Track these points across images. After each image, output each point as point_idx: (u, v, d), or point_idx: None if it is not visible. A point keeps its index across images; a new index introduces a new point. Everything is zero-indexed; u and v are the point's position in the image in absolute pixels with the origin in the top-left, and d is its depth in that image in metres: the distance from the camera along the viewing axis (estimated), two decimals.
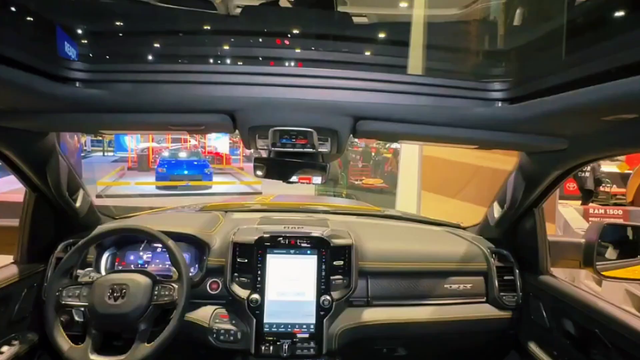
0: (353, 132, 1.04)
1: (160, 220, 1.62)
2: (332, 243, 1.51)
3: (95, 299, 1.23)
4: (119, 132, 1.23)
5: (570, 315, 1.35)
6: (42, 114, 0.96)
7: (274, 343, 1.43)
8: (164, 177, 11.33)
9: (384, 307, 1.55)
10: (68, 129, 1.19)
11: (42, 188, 1.36)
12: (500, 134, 1.00)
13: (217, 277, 1.53)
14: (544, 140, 1.01)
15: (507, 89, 0.92)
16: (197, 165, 12.18)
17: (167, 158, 12.61)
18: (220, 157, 16.84)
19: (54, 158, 1.28)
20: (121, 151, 17.81)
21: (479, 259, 1.64)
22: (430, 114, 0.97)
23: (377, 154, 13.38)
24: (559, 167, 1.19)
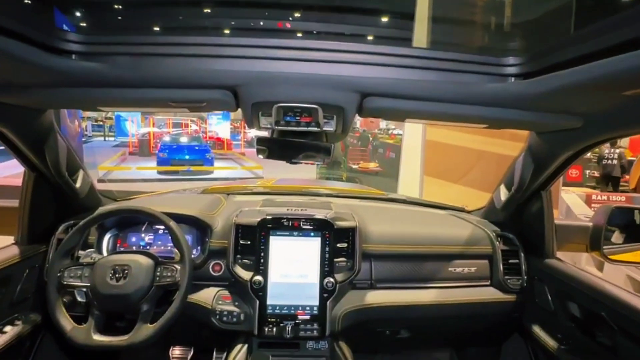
0: (359, 109, 1.00)
1: (161, 202, 1.60)
2: (335, 225, 1.49)
3: (97, 279, 1.22)
4: (118, 109, 1.19)
5: (575, 299, 1.34)
6: (38, 89, 0.93)
7: (277, 324, 1.43)
8: (165, 161, 11.31)
9: (387, 289, 1.55)
10: (65, 105, 1.15)
11: (40, 168, 1.33)
12: (512, 112, 0.96)
13: (219, 259, 1.52)
14: (558, 118, 0.98)
15: (521, 64, 0.88)
16: (198, 150, 12.13)
17: (168, 143, 12.55)
18: (221, 143, 16.75)
19: (52, 137, 1.25)
20: (122, 136, 17.69)
21: (483, 242, 1.63)
22: (440, 91, 0.93)
23: (375, 139, 13.79)
24: (571, 147, 1.16)
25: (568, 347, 1.36)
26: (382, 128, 21.78)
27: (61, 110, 1.42)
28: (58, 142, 1.28)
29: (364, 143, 13.79)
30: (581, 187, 9.18)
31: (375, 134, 16.05)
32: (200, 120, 21.62)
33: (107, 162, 12.19)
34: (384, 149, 13.42)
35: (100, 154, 13.31)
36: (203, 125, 19.75)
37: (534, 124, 1.05)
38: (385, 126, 23.99)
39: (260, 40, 0.88)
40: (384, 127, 22.94)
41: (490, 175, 2.94)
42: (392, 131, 20.60)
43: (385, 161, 12.32)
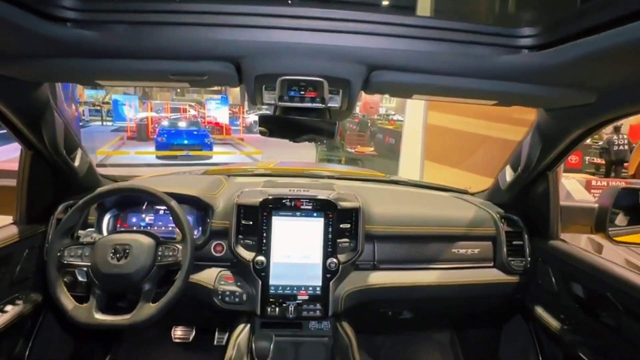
0: (365, 84, 0.97)
1: (162, 182, 1.58)
2: (339, 206, 1.47)
3: (98, 258, 1.21)
4: (117, 82, 1.14)
5: (580, 279, 1.33)
6: (31, 59, 0.89)
7: (280, 305, 1.42)
8: (164, 146, 11.24)
9: (390, 270, 1.54)
10: (61, 77, 1.11)
11: (37, 145, 1.30)
12: (523, 87, 0.93)
13: (221, 240, 1.50)
14: (571, 92, 0.94)
15: (536, 35, 0.84)
16: (197, 134, 12.05)
17: (167, 127, 12.45)
18: (220, 128, 16.62)
19: (48, 113, 1.21)
20: (120, 121, 17.49)
21: (487, 223, 1.61)
22: (449, 63, 0.90)
23: (373, 125, 14.08)
24: (581, 124, 1.13)
25: (571, 328, 1.36)
26: (381, 114, 21.70)
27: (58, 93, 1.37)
28: (55, 118, 1.24)
29: (363, 128, 13.95)
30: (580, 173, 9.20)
31: (375, 120, 16.24)
32: (198, 105, 21.46)
33: (105, 146, 12.11)
34: (383, 135, 13.58)
35: (99, 138, 13.20)
36: (201, 111, 19.58)
37: (546, 99, 1.01)
38: (384, 112, 23.90)
39: (265, 9, 0.84)
40: (384, 113, 22.86)
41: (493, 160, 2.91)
42: (392, 117, 20.58)
43: (385, 147, 12.45)
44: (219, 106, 17.88)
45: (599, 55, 0.74)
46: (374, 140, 13.37)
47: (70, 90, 12.98)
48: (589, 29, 0.72)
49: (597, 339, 1.26)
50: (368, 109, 19.79)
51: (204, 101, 20.44)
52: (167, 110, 17.89)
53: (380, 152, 11.59)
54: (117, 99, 18.50)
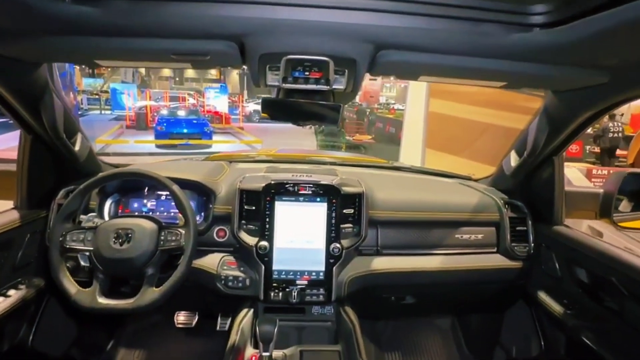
0: (372, 64, 0.95)
1: (164, 167, 1.57)
2: (342, 191, 1.46)
3: (100, 243, 1.20)
4: (116, 62, 1.10)
5: (584, 264, 1.33)
6: (29, 37, 0.86)
7: (283, 289, 1.42)
8: (164, 135, 11.17)
9: (393, 256, 1.54)
10: (59, 56, 1.09)
11: (37, 129, 1.28)
12: (534, 66, 0.91)
13: (223, 225, 1.49)
14: (583, 72, 0.92)
15: (549, 12, 0.82)
16: (196, 123, 11.97)
17: (166, 116, 12.36)
18: (219, 117, 16.51)
19: (47, 95, 1.19)
20: (118, 109, 17.37)
21: (491, 209, 1.60)
22: (458, 42, 0.88)
23: (372, 113, 14.58)
24: (592, 106, 1.11)
25: (574, 312, 1.36)
26: (381, 103, 21.61)
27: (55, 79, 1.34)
28: (54, 101, 1.22)
29: (361, 117, 14.39)
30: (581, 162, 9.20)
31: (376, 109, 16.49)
32: (197, 94, 21.31)
33: (104, 135, 12.04)
34: (383, 124, 13.75)
35: (97, 127, 13.12)
36: (200, 99, 19.45)
37: (557, 80, 0.99)
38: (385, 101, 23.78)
39: None
40: (384, 102, 22.75)
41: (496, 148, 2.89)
42: (392, 106, 20.51)
43: (385, 135, 12.58)
44: (218, 95, 17.76)
45: (614, 31, 0.72)
46: (374, 129, 13.55)
47: (68, 78, 12.89)
48: (604, 4, 0.70)
49: (601, 324, 1.26)
50: (368, 97, 19.72)
51: (203, 90, 20.31)
52: (166, 99, 17.76)
53: (381, 142, 11.76)
54: (115, 88, 18.37)
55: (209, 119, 14.19)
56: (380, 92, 23.08)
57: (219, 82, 29.92)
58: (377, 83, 20.84)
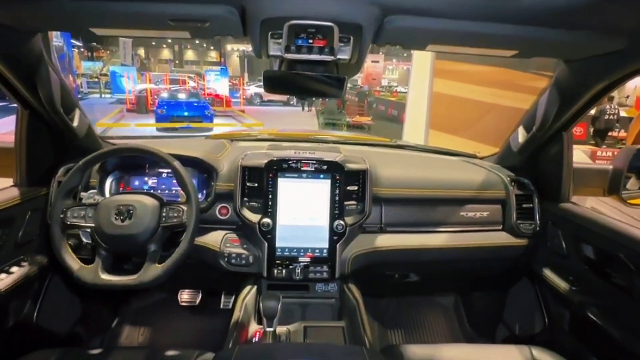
0: (378, 31, 0.91)
1: (165, 145, 1.54)
2: (346, 167, 1.44)
3: (101, 219, 1.18)
4: (111, 30, 1.06)
5: (592, 241, 1.31)
6: (22, 3, 0.83)
7: (287, 267, 1.41)
8: (164, 118, 11.08)
9: (397, 233, 1.52)
10: (53, 23, 1.04)
11: (33, 104, 1.25)
12: (547, 32, 0.87)
13: (226, 202, 1.48)
14: (599, 38, 0.88)
15: None
16: (197, 106, 11.86)
17: (167, 99, 12.23)
18: (220, 99, 16.35)
19: (43, 68, 1.16)
20: (118, 93, 17.21)
21: (497, 186, 1.58)
22: (469, 6, 0.83)
23: (370, 95, 14.91)
24: (606, 76, 1.07)
25: (579, 289, 1.35)
26: (384, 85, 21.38)
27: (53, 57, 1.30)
28: (50, 74, 1.19)
29: (362, 99, 14.51)
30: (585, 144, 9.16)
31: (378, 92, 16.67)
32: (197, 77, 21.09)
33: (104, 119, 11.97)
34: (385, 107, 13.80)
35: (98, 111, 13.03)
36: (201, 82, 19.26)
37: (571, 47, 0.95)
38: (387, 83, 23.51)
39: None
40: (386, 85, 22.51)
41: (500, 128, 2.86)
42: (394, 88, 20.31)
43: (387, 119, 12.65)
44: (218, 78, 17.56)
45: None
46: (377, 113, 13.64)
47: (67, 61, 12.78)
48: None
49: (607, 300, 1.25)
50: (370, 80, 19.48)
51: (204, 72, 20.09)
52: (166, 81, 17.57)
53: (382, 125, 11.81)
54: (115, 71, 18.17)
55: (209, 101, 14.06)
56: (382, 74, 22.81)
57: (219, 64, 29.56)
58: (380, 65, 20.58)
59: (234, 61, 35.05)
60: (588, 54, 1.00)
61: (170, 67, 30.77)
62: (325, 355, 0.93)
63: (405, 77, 24.97)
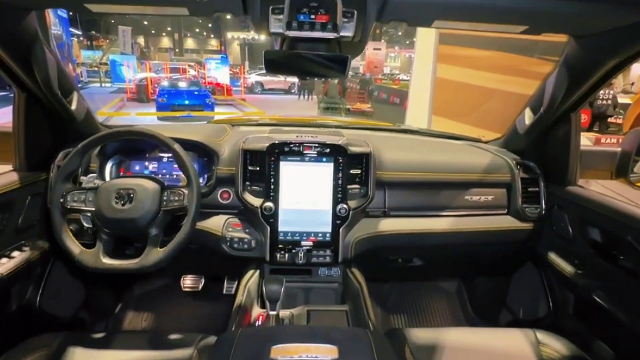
0: (383, 7, 0.87)
1: (165, 128, 1.52)
2: (349, 150, 1.41)
3: (102, 203, 1.17)
4: (107, 7, 1.02)
5: (599, 224, 1.29)
6: None
7: (289, 251, 1.40)
8: (165, 107, 11.03)
9: (401, 217, 1.51)
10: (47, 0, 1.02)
11: (30, 86, 1.23)
12: (558, 5, 0.83)
13: (227, 187, 1.46)
14: (614, 9, 0.84)
15: None
16: (198, 95, 11.79)
17: (167, 88, 12.16)
18: (221, 88, 16.26)
19: (38, 48, 1.13)
20: (118, 82, 17.12)
21: (502, 170, 1.56)
22: None
23: (371, 83, 14.85)
24: (618, 52, 1.03)
25: (585, 272, 1.34)
26: (386, 73, 21.20)
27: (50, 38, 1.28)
28: (46, 55, 1.16)
29: (363, 86, 14.57)
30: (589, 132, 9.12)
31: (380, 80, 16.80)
32: (198, 65, 20.94)
33: (105, 107, 11.92)
34: (387, 94, 13.81)
35: (98, 100, 12.98)
36: (201, 71, 19.12)
37: (583, 20, 0.92)
38: (389, 71, 23.31)
39: None
40: (388, 73, 22.32)
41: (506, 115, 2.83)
42: (397, 76, 20.15)
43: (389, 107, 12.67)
44: (219, 66, 17.44)
45: None
46: (379, 101, 13.71)
47: (66, 49, 12.67)
48: None
49: (613, 283, 1.24)
50: (372, 68, 19.30)
51: (204, 61, 19.94)
52: (167, 70, 17.45)
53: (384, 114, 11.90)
54: (114, 59, 18.05)
55: (210, 90, 13.98)
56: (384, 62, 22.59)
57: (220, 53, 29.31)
58: (382, 53, 20.36)
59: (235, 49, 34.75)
60: (601, 28, 0.96)
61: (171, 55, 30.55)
62: (329, 338, 0.92)
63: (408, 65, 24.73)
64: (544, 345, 1.12)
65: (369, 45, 19.36)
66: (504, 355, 1.10)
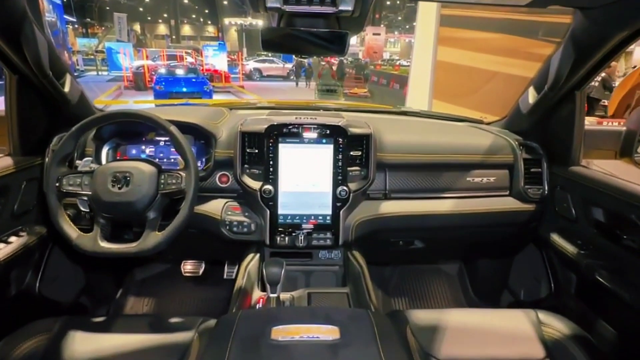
0: None
1: (161, 111, 1.49)
2: (349, 132, 1.39)
3: (98, 187, 1.15)
4: None
5: (602, 204, 1.28)
6: None
7: (290, 234, 1.39)
8: (163, 94, 10.93)
9: (402, 200, 1.49)
10: None
11: (21, 67, 1.20)
12: None
13: (226, 170, 1.44)
14: None
15: None
16: (195, 82, 11.66)
17: (165, 75, 12.03)
18: (219, 75, 16.10)
19: (27, 28, 1.09)
20: (115, 70, 16.96)
21: (505, 151, 1.54)
22: None
23: (367, 68, 15.50)
24: (628, 24, 0.99)
25: (588, 252, 1.33)
26: (385, 59, 21.00)
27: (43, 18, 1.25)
28: (36, 35, 1.12)
29: (359, 71, 15.09)
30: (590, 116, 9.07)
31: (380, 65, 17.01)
32: (195, 52, 20.70)
33: (102, 96, 11.81)
34: (387, 80, 13.97)
35: (96, 88, 12.87)
36: (199, 58, 18.91)
37: None
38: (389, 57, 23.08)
39: None
40: (388, 58, 22.10)
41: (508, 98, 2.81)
42: (397, 62, 19.97)
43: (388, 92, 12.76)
44: (216, 53, 17.25)
45: None
46: (379, 87, 13.84)
47: (61, 37, 12.51)
48: None
49: (616, 262, 1.23)
50: (371, 53, 19.12)
51: (201, 48, 19.71)
52: (164, 57, 17.25)
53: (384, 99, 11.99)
54: (111, 47, 17.85)
55: (208, 77, 13.84)
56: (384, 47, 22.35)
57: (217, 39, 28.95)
58: (381, 38, 20.14)
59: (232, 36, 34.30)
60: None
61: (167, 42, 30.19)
62: (330, 318, 0.91)
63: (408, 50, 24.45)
64: (545, 325, 1.11)
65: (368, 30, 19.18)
66: (506, 335, 1.10)
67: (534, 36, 4.18)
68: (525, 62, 3.87)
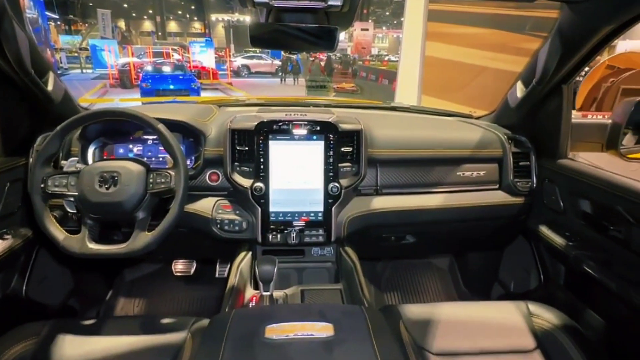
0: None
1: (149, 109, 1.47)
2: (340, 128, 1.38)
3: (85, 187, 1.12)
4: None
5: (589, 196, 1.30)
6: None
7: (281, 231, 1.38)
8: (149, 92, 10.75)
9: (394, 195, 1.49)
10: None
11: (2, 66, 1.16)
12: None
13: (216, 168, 1.42)
14: None
15: None
16: (183, 79, 11.51)
17: (151, 72, 11.84)
18: (207, 72, 15.92)
19: (6, 23, 1.06)
20: (100, 67, 16.63)
21: (494, 145, 1.55)
22: None
23: (352, 63, 15.87)
24: (614, 17, 1.00)
25: (576, 244, 1.35)
26: (374, 54, 21.03)
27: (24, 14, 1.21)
28: (16, 31, 1.09)
29: (346, 66, 15.36)
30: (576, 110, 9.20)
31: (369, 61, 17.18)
32: (182, 49, 20.42)
33: (87, 94, 11.59)
34: (376, 75, 14.19)
35: (80, 86, 12.63)
36: (186, 55, 18.66)
37: None
38: (377, 52, 23.11)
39: None
40: (376, 54, 22.13)
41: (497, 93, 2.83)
42: (385, 57, 20.03)
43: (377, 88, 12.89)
44: (204, 49, 17.05)
45: None
46: (367, 82, 14.00)
47: (43, 34, 12.20)
48: None
49: (603, 253, 1.25)
50: (360, 49, 19.13)
51: (188, 44, 19.45)
52: (150, 54, 16.98)
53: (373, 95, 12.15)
54: (95, 44, 17.48)
55: (195, 74, 13.68)
56: (372, 43, 22.38)
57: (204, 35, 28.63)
58: (369, 34, 20.17)
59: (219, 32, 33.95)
60: None
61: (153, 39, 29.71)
62: (324, 315, 0.91)
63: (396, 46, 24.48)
64: (535, 316, 1.13)
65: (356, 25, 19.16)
66: (497, 326, 1.11)
67: (521, 31, 4.22)
68: (513, 56, 3.90)
